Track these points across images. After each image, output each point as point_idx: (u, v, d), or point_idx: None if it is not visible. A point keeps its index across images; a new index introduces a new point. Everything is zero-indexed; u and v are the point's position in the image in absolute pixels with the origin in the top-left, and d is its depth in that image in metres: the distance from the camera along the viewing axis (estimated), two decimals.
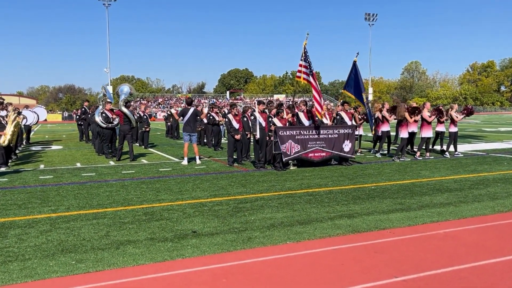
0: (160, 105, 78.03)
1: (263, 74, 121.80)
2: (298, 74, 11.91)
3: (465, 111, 14.65)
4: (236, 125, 12.67)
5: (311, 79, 11.53)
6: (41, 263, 4.80)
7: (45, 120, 67.85)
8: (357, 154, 15.07)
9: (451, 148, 14.47)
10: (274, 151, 11.63)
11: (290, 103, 13.42)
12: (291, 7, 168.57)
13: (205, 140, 18.72)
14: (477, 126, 34.82)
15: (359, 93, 12.24)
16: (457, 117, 14.18)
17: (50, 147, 19.18)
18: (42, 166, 12.81)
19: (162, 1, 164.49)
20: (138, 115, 18.50)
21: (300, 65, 11.82)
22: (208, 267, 4.65)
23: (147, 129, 18.32)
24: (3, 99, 13.55)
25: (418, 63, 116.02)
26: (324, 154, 12.03)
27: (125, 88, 14.25)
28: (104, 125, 14.45)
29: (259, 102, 12.28)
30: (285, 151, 11.52)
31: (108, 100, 14.72)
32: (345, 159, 12.41)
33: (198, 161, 13.06)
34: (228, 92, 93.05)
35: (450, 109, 14.48)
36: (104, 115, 14.39)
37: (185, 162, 13.03)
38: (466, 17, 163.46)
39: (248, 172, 11.37)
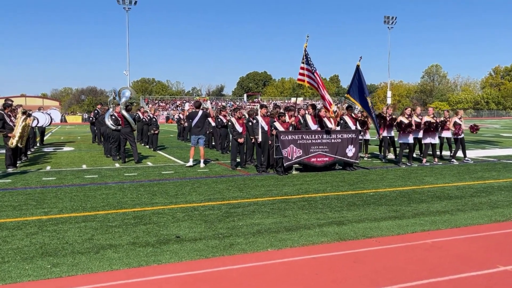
0: (178, 108, 78.62)
1: (282, 77, 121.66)
2: (300, 77, 11.81)
3: (473, 128, 14.34)
4: (239, 128, 12.63)
5: (316, 79, 11.40)
6: (17, 266, 4.81)
7: (65, 121, 69.25)
8: (364, 159, 14.88)
9: (460, 154, 14.15)
10: (275, 155, 11.54)
11: (292, 105, 13.29)
12: (310, 10, 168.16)
13: (213, 143, 18.74)
14: (496, 131, 34.08)
15: (362, 97, 12.06)
16: (458, 125, 13.80)
17: (62, 149, 19.46)
18: (48, 168, 12.98)
19: (182, 4, 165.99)
20: (148, 117, 18.65)
21: (302, 68, 11.73)
22: (180, 274, 4.60)
23: (156, 132, 18.43)
24: (12, 101, 13.76)
25: (439, 67, 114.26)
26: (327, 159, 11.89)
27: (127, 92, 14.39)
28: (113, 127, 14.58)
29: (262, 106, 12.21)
30: (286, 155, 11.42)
31: (118, 103, 14.85)
32: (349, 164, 12.24)
33: (202, 165, 13.05)
34: (245, 95, 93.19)
35: (455, 115, 14.15)
36: (113, 117, 14.52)
37: (190, 163, 13.04)
38: (488, 20, 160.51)
39: (249, 176, 11.31)
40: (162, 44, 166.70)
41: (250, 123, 12.25)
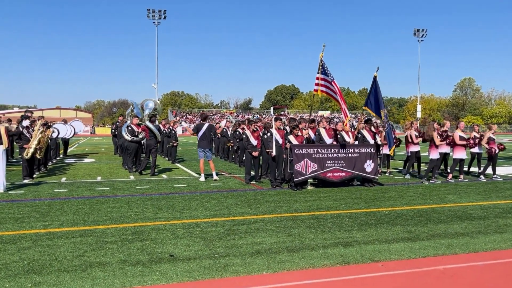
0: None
1: (310, 90, 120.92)
2: (315, 87, 11.46)
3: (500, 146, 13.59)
4: (254, 141, 12.32)
5: (331, 89, 11.02)
6: None
7: (94, 133, 70.58)
8: (386, 174, 14.32)
9: (489, 171, 13.42)
10: (289, 170, 11.17)
11: (303, 118, 12.94)
12: (337, 23, 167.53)
13: (233, 156, 18.49)
14: None
15: (378, 110, 11.61)
16: (492, 140, 13.13)
17: (83, 160, 19.58)
18: (63, 179, 12.96)
19: (211, 18, 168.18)
20: (168, 129, 18.60)
21: (317, 78, 11.38)
22: None
23: (175, 144, 18.33)
24: (32, 112, 13.91)
25: (472, 80, 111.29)
26: (344, 174, 11.43)
27: (150, 103, 14.31)
28: (129, 138, 14.52)
29: (276, 119, 11.88)
30: (300, 170, 11.02)
31: (136, 114, 14.81)
32: (368, 180, 11.72)
33: (215, 177, 12.79)
34: (272, 108, 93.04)
35: (488, 130, 13.47)
36: (129, 128, 14.47)
37: (202, 178, 12.80)
38: None
39: (262, 191, 10.96)
40: (191, 57, 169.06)
41: (265, 136, 11.93)
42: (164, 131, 19.43)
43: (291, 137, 11.29)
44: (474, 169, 14.53)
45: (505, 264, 5.40)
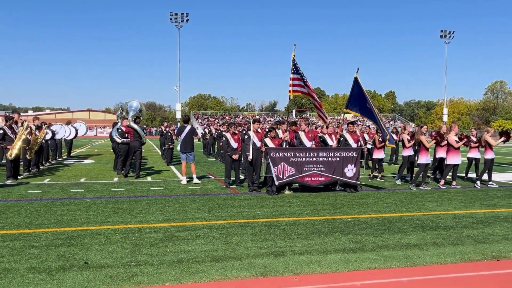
0: (226, 123, 79.10)
1: (335, 93, 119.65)
2: (289, 88, 11.06)
3: (503, 136, 12.78)
4: (234, 144, 12.00)
5: (305, 89, 10.62)
6: None
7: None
8: (377, 179, 13.76)
9: (485, 177, 12.69)
10: (265, 173, 10.81)
11: (284, 119, 12.51)
12: (362, 24, 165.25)
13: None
14: None
15: (364, 107, 11.10)
16: (489, 144, 12.42)
17: (82, 162, 19.68)
18: (46, 180, 12.96)
19: (235, 21, 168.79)
20: (161, 131, 18.47)
21: (291, 79, 10.97)
22: None
23: (171, 146, 18.20)
24: (19, 113, 14.02)
25: (504, 83, 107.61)
26: (323, 178, 10.97)
27: (134, 104, 14.20)
28: (119, 140, 14.45)
29: (254, 121, 11.54)
30: (277, 174, 10.64)
31: (126, 116, 14.73)
32: (350, 185, 11.22)
33: (195, 180, 12.56)
34: (294, 110, 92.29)
35: (485, 133, 12.75)
36: (119, 130, 14.40)
37: (184, 181, 12.58)
38: None
39: (236, 195, 10.63)
40: (218, 60, 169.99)
41: (246, 137, 11.59)
42: (169, 133, 19.32)
43: (267, 140, 10.93)
44: (472, 174, 13.78)
45: (432, 281, 4.90)
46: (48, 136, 16.63)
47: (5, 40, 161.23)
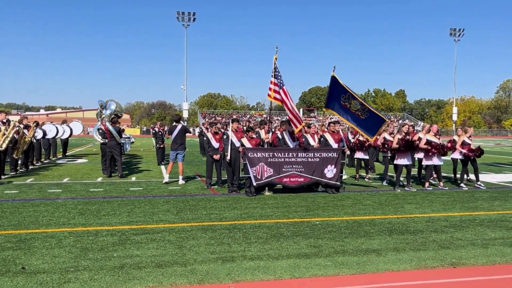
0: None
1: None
2: (268, 92, 10.82)
3: (471, 153, 12.22)
4: (215, 144, 11.79)
5: (281, 95, 10.38)
6: None
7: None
8: (365, 180, 13.47)
9: (472, 177, 12.36)
10: (243, 174, 10.60)
11: (266, 119, 12.24)
12: (371, 22, 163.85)
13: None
14: None
15: (340, 105, 10.83)
16: (467, 145, 12.03)
17: (75, 161, 19.64)
18: (29, 180, 12.89)
19: (245, 20, 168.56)
20: (154, 131, 18.35)
21: (271, 82, 10.73)
22: None
23: (162, 146, 18.06)
24: (6, 113, 13.98)
25: None
26: (302, 179, 10.73)
27: (112, 105, 14.12)
28: (101, 141, 14.37)
29: (233, 120, 11.33)
30: (255, 175, 10.43)
31: (104, 116, 14.61)
32: (331, 186, 10.94)
33: (180, 182, 12.39)
34: (301, 109, 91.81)
35: (463, 133, 12.37)
36: (100, 131, 14.31)
37: (166, 179, 12.43)
38: None
39: (213, 196, 10.44)
40: (228, 59, 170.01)
41: (225, 137, 11.39)
42: (160, 132, 19.19)
43: (244, 140, 10.71)
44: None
45: None
46: (39, 136, 16.58)
47: (19, 38, 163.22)
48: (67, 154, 22.54)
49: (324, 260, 5.59)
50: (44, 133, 17.18)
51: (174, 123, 12.62)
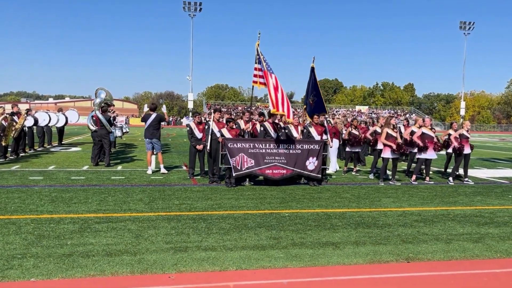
0: (239, 113, 78.83)
1: (353, 85, 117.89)
2: (254, 79, 10.67)
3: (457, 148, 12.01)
4: (198, 134, 11.69)
5: (270, 80, 10.22)
6: None
7: (127, 123, 72.24)
8: (352, 173, 13.33)
9: (460, 172, 12.16)
10: (222, 164, 10.52)
11: (248, 109, 12.10)
12: (381, 15, 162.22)
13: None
14: None
15: (319, 102, 10.68)
16: (465, 138, 11.82)
17: (69, 149, 19.66)
18: (15, 167, 12.90)
19: (250, 10, 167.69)
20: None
21: (255, 69, 10.58)
22: None
23: None
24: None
25: None
26: (284, 171, 10.60)
27: (102, 93, 14.07)
28: (93, 128, 14.35)
29: (215, 110, 11.22)
30: (235, 165, 10.33)
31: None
32: (312, 178, 10.81)
33: (162, 170, 12.35)
34: None
35: (462, 127, 12.15)
36: (93, 119, 14.28)
37: (149, 171, 12.38)
38: None
39: (193, 186, 10.38)
40: (234, 50, 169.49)
41: (206, 127, 11.28)
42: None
43: (224, 130, 10.61)
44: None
45: (312, 283, 4.54)
46: (30, 123, 16.61)
47: (31, 28, 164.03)
48: (63, 142, 22.58)
49: (278, 252, 5.50)
50: (36, 121, 17.19)
51: (149, 111, 12.51)
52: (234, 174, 10.33)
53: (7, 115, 14.39)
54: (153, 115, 12.23)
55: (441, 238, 6.32)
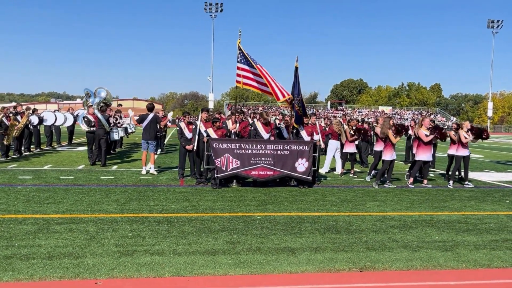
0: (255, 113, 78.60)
1: (378, 85, 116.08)
2: (237, 78, 10.42)
3: (473, 132, 11.47)
4: (188, 134, 11.50)
5: (255, 79, 9.93)
6: None
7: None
8: (349, 175, 12.91)
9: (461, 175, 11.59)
10: (206, 165, 10.30)
11: (236, 110, 11.81)
12: (405, 14, 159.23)
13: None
14: None
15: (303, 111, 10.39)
16: (465, 138, 11.28)
17: (76, 149, 19.79)
18: (11, 166, 13.00)
19: (273, 10, 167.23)
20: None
21: (238, 68, 10.32)
22: None
23: (159, 135, 17.92)
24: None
25: None
26: (271, 173, 10.29)
27: (102, 92, 14.03)
28: (86, 129, 14.36)
29: (203, 110, 11.01)
30: (220, 166, 10.09)
31: (91, 104, 14.59)
32: (302, 181, 10.47)
33: (152, 170, 12.24)
34: (328, 102, 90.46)
35: (460, 128, 11.59)
36: (86, 119, 14.29)
37: (143, 171, 12.28)
38: None
39: (176, 187, 10.20)
40: (258, 51, 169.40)
41: (193, 127, 11.08)
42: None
43: (210, 130, 10.39)
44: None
45: None
46: (35, 122, 16.78)
47: (60, 29, 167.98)
48: (73, 142, 22.79)
49: (227, 258, 5.23)
50: (41, 120, 17.35)
51: (147, 112, 12.41)
52: (218, 175, 10.10)
53: (11, 114, 14.54)
54: (150, 116, 12.14)
55: (409, 246, 5.93)
